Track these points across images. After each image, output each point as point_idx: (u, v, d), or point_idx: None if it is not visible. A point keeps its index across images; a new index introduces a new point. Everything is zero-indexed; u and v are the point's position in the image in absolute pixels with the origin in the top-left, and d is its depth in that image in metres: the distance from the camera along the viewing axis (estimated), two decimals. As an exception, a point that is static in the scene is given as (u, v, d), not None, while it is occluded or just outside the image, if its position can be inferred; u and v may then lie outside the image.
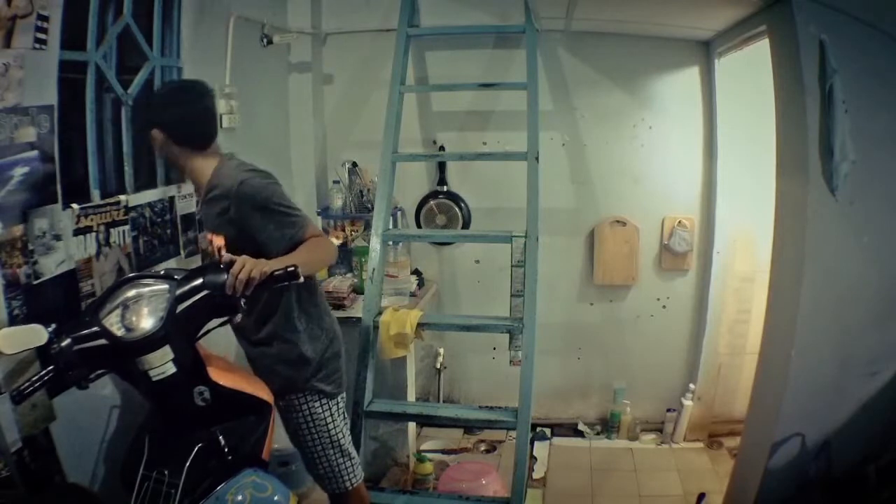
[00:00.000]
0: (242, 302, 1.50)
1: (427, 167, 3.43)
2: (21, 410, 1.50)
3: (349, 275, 3.17)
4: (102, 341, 1.40)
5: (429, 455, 3.04)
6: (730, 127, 3.14)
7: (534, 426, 3.11)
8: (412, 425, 3.14)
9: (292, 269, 1.53)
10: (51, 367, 1.37)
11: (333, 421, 1.95)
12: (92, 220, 1.83)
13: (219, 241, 1.79)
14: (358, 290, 3.02)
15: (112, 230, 1.92)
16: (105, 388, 1.82)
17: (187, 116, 1.76)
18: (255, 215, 1.71)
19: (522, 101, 2.83)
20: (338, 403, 1.98)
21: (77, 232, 1.77)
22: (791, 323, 2.20)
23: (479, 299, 3.45)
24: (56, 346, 1.37)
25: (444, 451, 3.26)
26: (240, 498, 1.48)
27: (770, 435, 2.27)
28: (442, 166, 3.38)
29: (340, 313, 2.78)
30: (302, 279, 1.55)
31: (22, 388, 1.35)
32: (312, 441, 1.94)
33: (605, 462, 3.23)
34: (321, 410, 1.93)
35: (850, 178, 2.12)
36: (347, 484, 2.01)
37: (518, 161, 2.79)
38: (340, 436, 1.97)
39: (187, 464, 1.46)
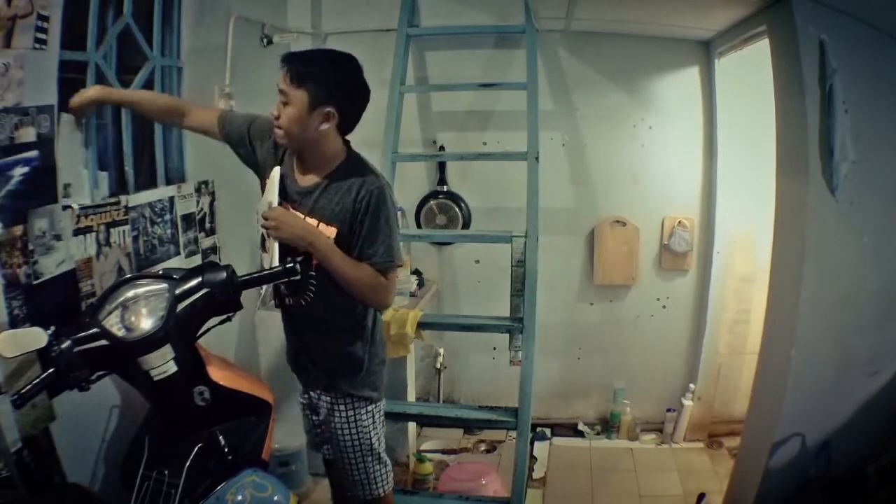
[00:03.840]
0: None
1: (427, 167, 3.43)
2: (21, 410, 1.50)
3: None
4: (103, 342, 1.40)
5: (429, 455, 3.04)
6: (730, 127, 3.14)
7: (534, 426, 3.10)
8: (412, 425, 3.14)
9: (291, 265, 1.55)
10: (51, 370, 1.36)
11: (374, 427, 1.91)
12: (92, 220, 1.83)
13: (330, 231, 1.70)
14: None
15: (112, 230, 1.92)
16: (105, 388, 1.82)
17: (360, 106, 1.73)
18: (379, 222, 1.68)
19: (522, 101, 2.83)
20: (379, 409, 1.93)
21: (77, 232, 1.77)
22: (791, 323, 2.20)
23: (479, 299, 3.45)
24: (56, 349, 1.36)
25: (444, 451, 3.26)
26: (240, 498, 1.48)
27: (770, 435, 2.27)
28: (442, 166, 3.38)
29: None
30: (299, 276, 1.56)
31: (23, 391, 1.34)
32: (353, 446, 1.88)
33: (605, 462, 3.23)
34: (365, 416, 1.87)
35: (850, 178, 2.13)
36: (380, 490, 1.95)
37: (518, 161, 2.79)
38: (377, 442, 1.92)
39: (187, 464, 1.46)
